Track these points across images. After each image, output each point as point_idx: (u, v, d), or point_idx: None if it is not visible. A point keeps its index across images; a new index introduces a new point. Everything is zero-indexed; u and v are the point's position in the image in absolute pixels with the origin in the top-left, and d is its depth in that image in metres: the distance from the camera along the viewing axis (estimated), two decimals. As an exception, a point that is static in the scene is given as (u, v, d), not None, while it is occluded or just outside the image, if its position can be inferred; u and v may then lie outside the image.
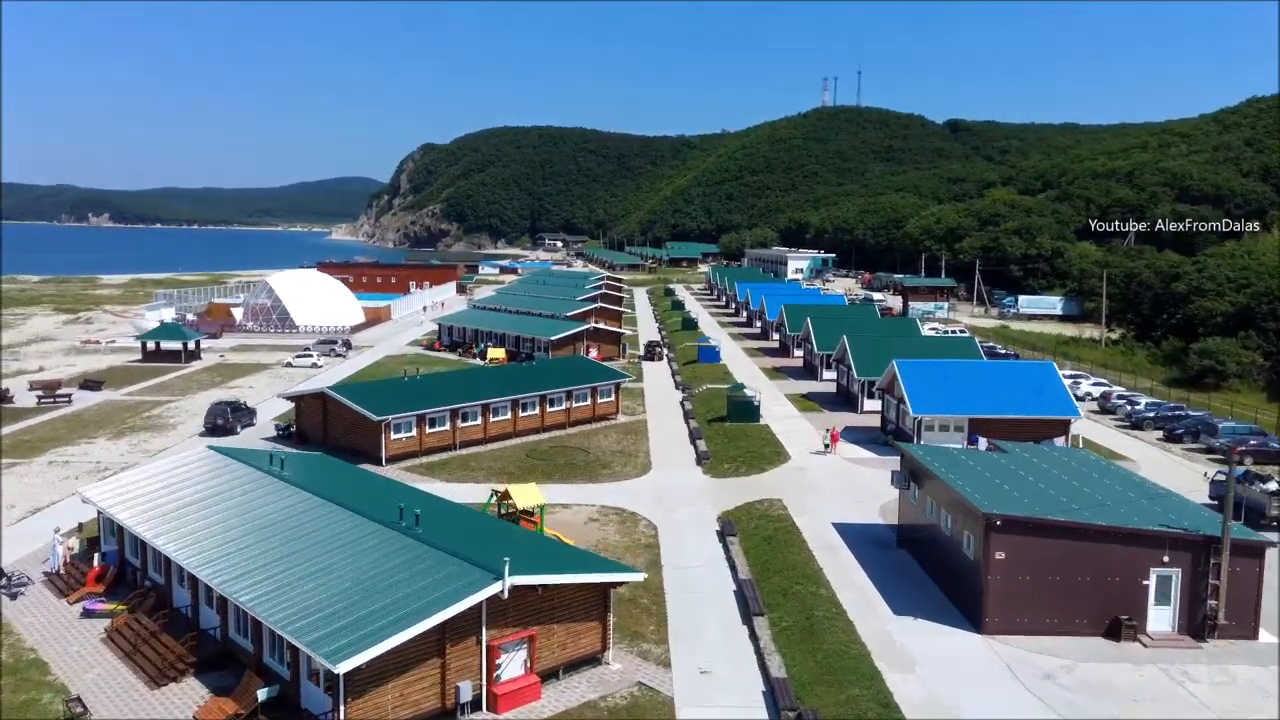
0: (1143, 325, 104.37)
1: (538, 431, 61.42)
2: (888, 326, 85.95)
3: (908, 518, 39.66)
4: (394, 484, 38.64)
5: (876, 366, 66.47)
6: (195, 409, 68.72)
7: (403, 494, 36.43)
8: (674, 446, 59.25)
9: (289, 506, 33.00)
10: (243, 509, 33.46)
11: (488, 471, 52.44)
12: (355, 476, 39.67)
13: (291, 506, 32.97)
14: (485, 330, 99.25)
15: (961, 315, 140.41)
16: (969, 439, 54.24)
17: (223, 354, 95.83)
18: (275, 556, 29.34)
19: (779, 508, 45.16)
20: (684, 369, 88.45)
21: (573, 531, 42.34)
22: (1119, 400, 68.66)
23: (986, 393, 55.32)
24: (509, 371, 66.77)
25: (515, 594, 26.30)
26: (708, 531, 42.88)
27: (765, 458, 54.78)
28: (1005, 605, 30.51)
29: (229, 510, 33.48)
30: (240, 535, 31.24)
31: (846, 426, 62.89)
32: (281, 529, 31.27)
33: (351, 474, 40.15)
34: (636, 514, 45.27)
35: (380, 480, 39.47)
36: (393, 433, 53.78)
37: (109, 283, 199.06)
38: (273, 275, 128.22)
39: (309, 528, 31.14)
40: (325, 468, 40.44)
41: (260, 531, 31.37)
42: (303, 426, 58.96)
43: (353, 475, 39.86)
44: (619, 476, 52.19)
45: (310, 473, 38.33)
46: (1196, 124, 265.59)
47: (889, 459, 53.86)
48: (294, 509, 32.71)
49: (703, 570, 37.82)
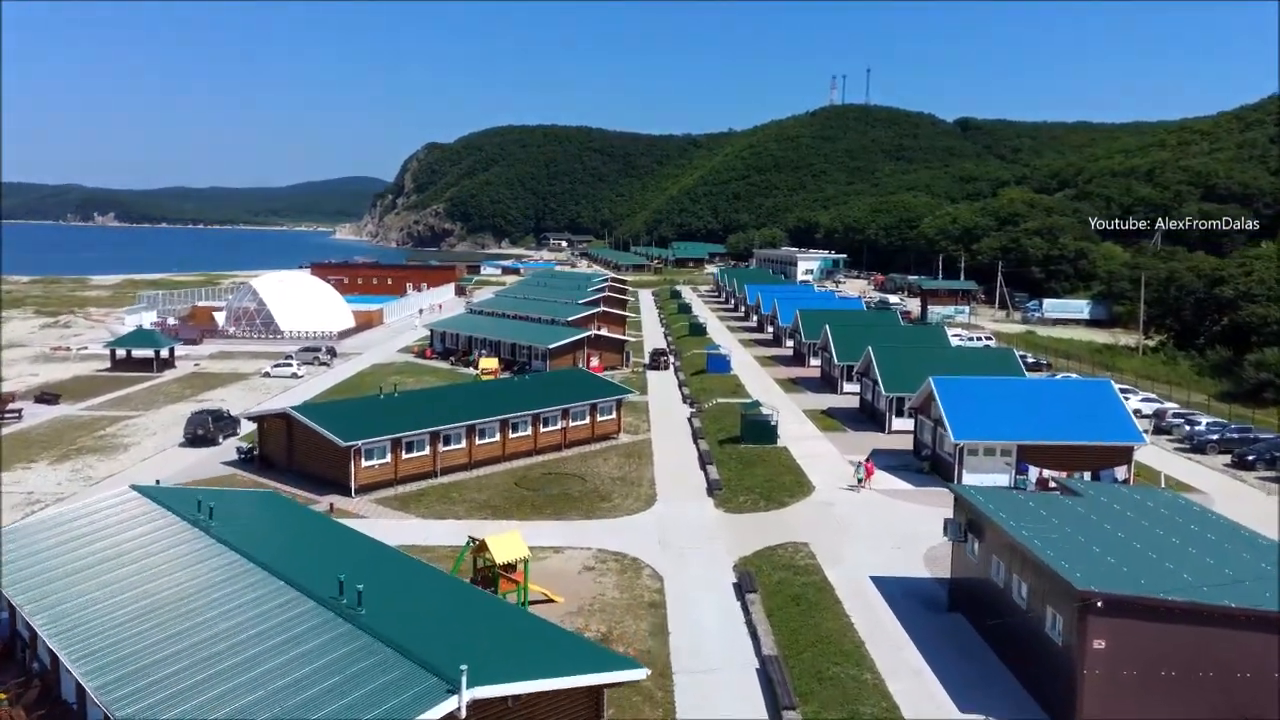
0: (1183, 332, 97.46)
1: (530, 454, 55.06)
2: (913, 335, 79.45)
3: (963, 573, 33.22)
4: (349, 534, 32.24)
5: (905, 382, 60.11)
6: (155, 426, 62.61)
7: (355, 549, 30.13)
8: (682, 473, 52.83)
9: (210, 574, 26.65)
10: (154, 575, 27.12)
11: (470, 505, 46.07)
12: (301, 525, 33.29)
13: (213, 574, 26.62)
14: (480, 336, 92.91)
15: (983, 320, 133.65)
16: (1018, 467, 47.79)
17: (198, 362, 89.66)
18: (179, 648, 22.95)
19: (805, 555, 38.71)
20: (692, 380, 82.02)
21: (565, 584, 35.98)
22: (1175, 419, 62.05)
23: (1036, 415, 48.78)
24: (498, 387, 60.46)
25: (478, 709, 19.93)
26: (723, 584, 36.45)
27: (786, 488, 48.32)
28: (1105, 705, 24.05)
29: (137, 577, 27.13)
30: (142, 614, 24.89)
31: (874, 450, 56.35)
32: (194, 606, 24.92)
33: (298, 521, 33.76)
34: (639, 561, 38.86)
35: (333, 529, 33.05)
36: (363, 460, 47.43)
37: (99, 284, 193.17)
38: (257, 277, 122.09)
39: (230, 605, 24.78)
40: (267, 513, 34.09)
41: (169, 609, 25.02)
42: (266, 450, 52.68)
43: (299, 523, 33.47)
44: (619, 511, 45.79)
45: (248, 521, 32.02)
46: (1217, 121, 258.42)
47: (928, 490, 47.52)
48: (215, 577, 26.37)
49: (718, 641, 31.38)
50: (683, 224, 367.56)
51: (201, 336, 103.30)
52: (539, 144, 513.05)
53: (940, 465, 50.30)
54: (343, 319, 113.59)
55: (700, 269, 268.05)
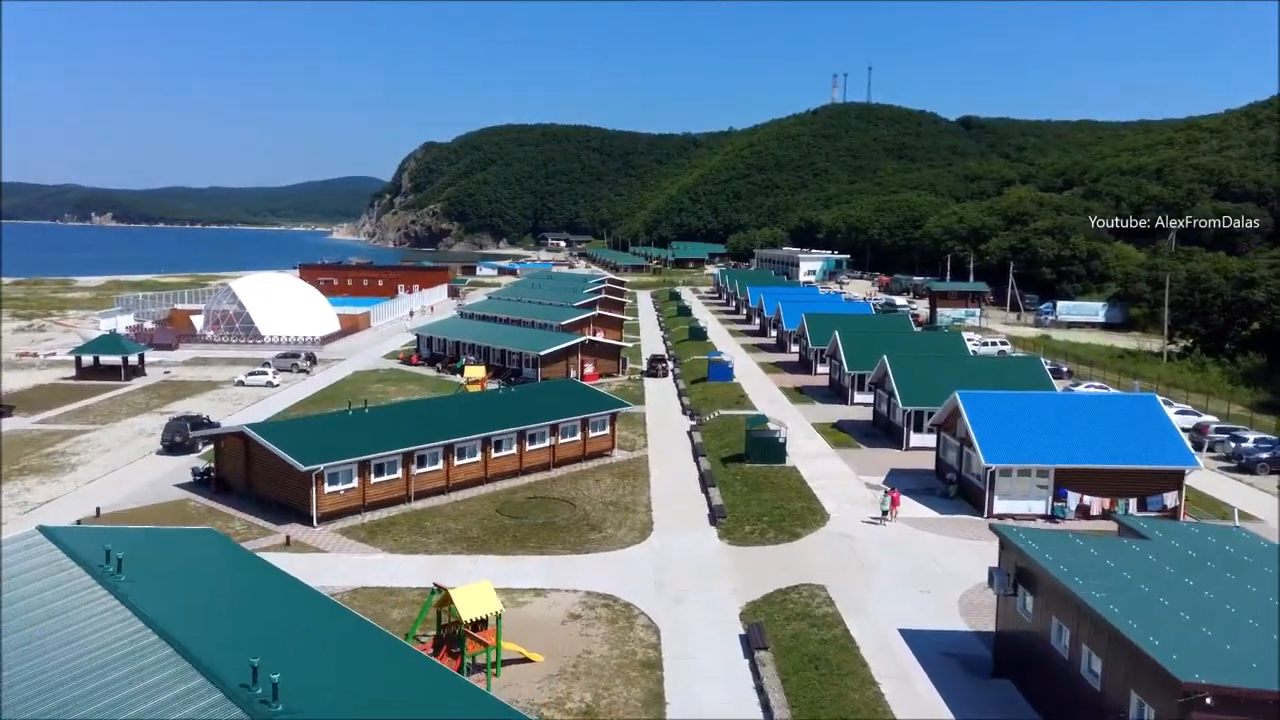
0: (1209, 337, 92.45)
1: (515, 475, 50.18)
2: (929, 342, 74.46)
3: (1012, 627, 28.34)
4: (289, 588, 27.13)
5: (924, 394, 55.39)
6: (110, 441, 57.72)
7: (290, 610, 25.23)
8: (681, 496, 47.92)
9: (101, 649, 21.67)
10: (35, 652, 22.18)
11: (444, 537, 41.16)
12: (234, 575, 28.28)
13: (104, 649, 21.64)
14: (468, 342, 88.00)
15: (994, 323, 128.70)
16: (1055, 493, 42.90)
17: (169, 370, 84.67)
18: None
19: (823, 601, 33.79)
20: (692, 389, 77.10)
21: (546, 638, 31.12)
22: (1218, 434, 57.11)
23: (1074, 434, 43.85)
24: (481, 401, 55.49)
25: None
26: (728, 638, 31.56)
27: (797, 516, 43.41)
28: (1210, 822, 19.13)
29: (14, 652, 22.19)
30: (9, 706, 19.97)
31: (892, 469, 51.50)
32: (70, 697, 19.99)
33: (231, 569, 28.74)
34: (632, 607, 33.96)
35: (272, 581, 27.90)
36: (327, 485, 42.53)
37: (84, 285, 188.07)
38: (237, 278, 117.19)
39: (118, 695, 19.86)
40: (195, 559, 29.12)
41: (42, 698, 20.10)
42: (224, 472, 47.78)
43: (231, 573, 28.46)
44: (611, 543, 40.88)
45: (169, 572, 27.15)
46: (1225, 119, 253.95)
47: (956, 519, 42.73)
48: (105, 656, 21.38)
49: (724, 715, 26.48)
50: (682, 224, 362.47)
51: (177, 341, 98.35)
52: (537, 143, 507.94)
53: (968, 489, 45.42)
54: (327, 322, 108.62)
55: (700, 269, 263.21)
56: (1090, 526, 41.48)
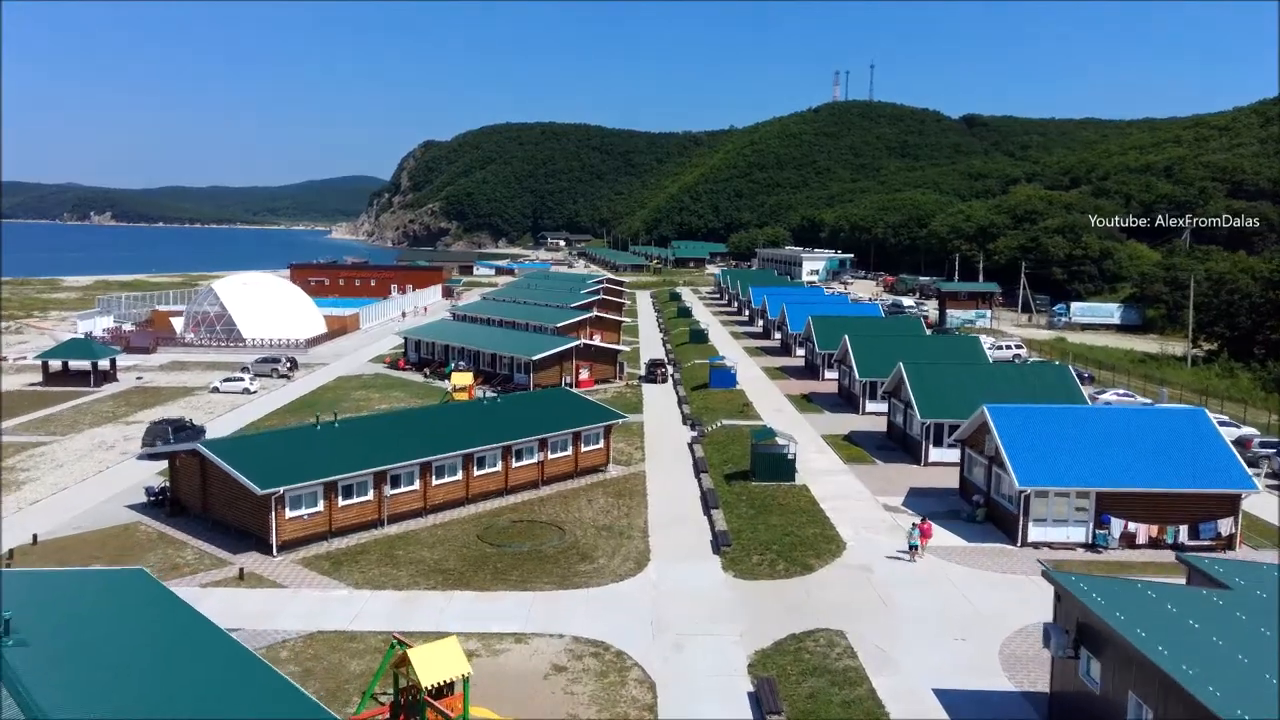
0: (1236, 340, 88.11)
1: (500, 494, 45.96)
2: (945, 347, 70.15)
3: (1071, 690, 24.11)
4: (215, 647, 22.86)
5: (944, 405, 51.35)
6: (65, 455, 53.53)
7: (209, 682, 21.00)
8: (681, 519, 43.65)
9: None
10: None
11: (417, 569, 36.89)
12: (154, 634, 23.99)
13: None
14: (458, 345, 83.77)
15: (1005, 325, 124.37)
16: (1098, 519, 38.66)
17: (143, 375, 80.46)
18: None
19: (843, 651, 29.52)
20: (693, 396, 72.83)
21: (525, 696, 26.92)
22: (1262, 448, 52.83)
23: (1117, 454, 39.60)
24: (464, 413, 51.16)
25: None
26: (735, 696, 27.30)
27: (809, 544, 39.15)
28: None
29: None
30: None
31: (911, 489, 47.27)
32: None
33: (151, 626, 24.44)
34: (625, 656, 29.71)
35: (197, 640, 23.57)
36: (288, 509, 38.28)
37: (71, 285, 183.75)
38: (219, 279, 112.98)
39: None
40: (110, 612, 24.81)
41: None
42: (180, 492, 43.55)
43: (150, 631, 24.16)
44: (603, 575, 36.62)
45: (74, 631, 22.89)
46: (1235, 116, 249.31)
47: (987, 548, 38.55)
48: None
49: (732, 804, 22.30)
50: (683, 223, 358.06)
51: (155, 344, 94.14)
52: (536, 141, 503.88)
53: (997, 513, 41.18)
54: (313, 325, 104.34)
55: (701, 269, 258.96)
56: (1138, 557, 37.35)
